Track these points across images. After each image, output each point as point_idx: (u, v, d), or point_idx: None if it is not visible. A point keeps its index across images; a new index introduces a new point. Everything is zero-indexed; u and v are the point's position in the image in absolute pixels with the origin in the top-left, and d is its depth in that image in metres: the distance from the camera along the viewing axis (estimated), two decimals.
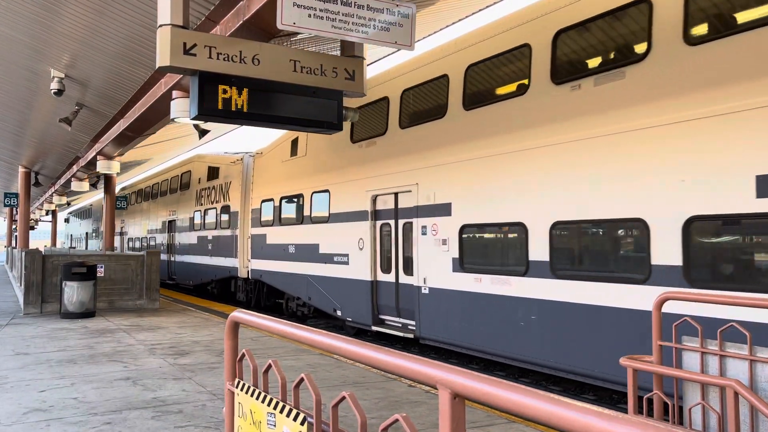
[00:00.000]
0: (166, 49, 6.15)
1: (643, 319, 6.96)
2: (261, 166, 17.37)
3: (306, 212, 14.44)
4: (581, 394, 8.62)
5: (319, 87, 7.05)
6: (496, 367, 10.08)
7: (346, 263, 12.73)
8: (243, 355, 2.90)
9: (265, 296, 17.51)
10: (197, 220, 22.37)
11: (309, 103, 7.09)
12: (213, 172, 21.08)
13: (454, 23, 12.35)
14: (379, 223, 11.93)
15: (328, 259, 13.41)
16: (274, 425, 2.54)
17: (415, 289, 10.87)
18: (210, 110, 6.57)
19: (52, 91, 11.39)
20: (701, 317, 6.02)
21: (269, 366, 2.60)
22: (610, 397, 8.36)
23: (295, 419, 2.39)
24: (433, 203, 10.46)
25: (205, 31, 8.14)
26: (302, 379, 2.30)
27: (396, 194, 11.43)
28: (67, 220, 62.93)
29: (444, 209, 10.25)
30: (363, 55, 7.37)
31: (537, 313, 8.36)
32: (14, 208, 37.25)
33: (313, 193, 14.19)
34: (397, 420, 1.71)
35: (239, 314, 2.96)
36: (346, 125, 12.39)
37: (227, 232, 19.35)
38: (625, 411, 6.94)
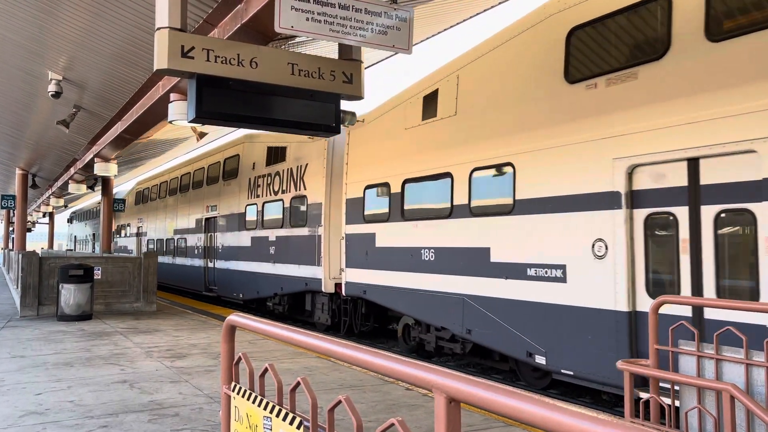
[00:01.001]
0: (163, 52, 6.15)
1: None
2: (362, 139, 12.56)
3: (460, 200, 9.87)
4: (578, 398, 8.62)
5: (317, 90, 7.05)
6: (492, 371, 10.07)
7: (560, 280, 8.06)
8: (240, 359, 2.90)
9: (362, 318, 13.39)
10: (250, 217, 17.75)
11: (307, 107, 7.10)
12: (276, 154, 16.55)
13: (452, 26, 12.37)
14: (642, 212, 7.24)
15: (512, 271, 8.78)
16: (271, 429, 2.54)
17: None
18: (207, 113, 6.57)
19: (50, 93, 11.38)
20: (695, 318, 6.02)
21: (266, 369, 2.60)
22: (608, 401, 8.37)
23: (291, 423, 2.39)
24: None
25: (203, 34, 8.16)
26: (299, 383, 2.30)
27: (695, 161, 6.72)
28: (70, 221, 57.67)
29: None
30: (361, 59, 7.38)
31: None
32: (11, 210, 37.19)
33: (475, 170, 9.62)
34: (393, 424, 1.72)
35: (236, 317, 2.96)
36: (551, 53, 8.44)
37: (301, 232, 14.85)
38: (622, 414, 6.95)
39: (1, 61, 11.22)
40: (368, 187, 12.19)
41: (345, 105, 8.61)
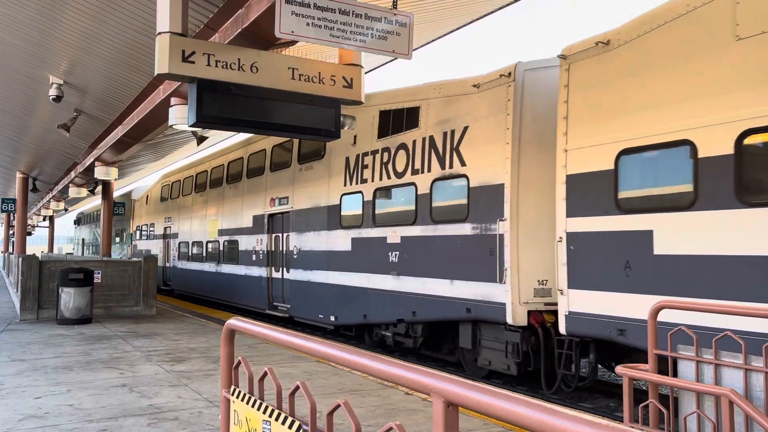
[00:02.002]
0: (164, 56, 6.17)
1: None
2: (610, 71, 7.77)
3: None
4: (578, 403, 8.62)
5: (317, 95, 7.08)
6: (493, 375, 10.06)
7: None
8: (239, 363, 2.91)
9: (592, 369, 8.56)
10: (350, 210, 12.85)
11: (307, 111, 7.12)
12: (398, 120, 11.69)
13: (451, 31, 12.41)
14: None
15: None
16: None
17: None
18: (208, 117, 6.59)
19: (51, 97, 11.41)
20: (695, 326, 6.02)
21: (265, 373, 2.61)
22: (607, 406, 8.36)
23: (290, 427, 2.39)
24: None
25: (204, 39, 8.20)
26: (298, 387, 2.31)
27: None
28: (77, 222, 50.83)
29: None
30: (360, 64, 7.41)
31: None
32: (11, 214, 37.19)
33: None
34: (391, 428, 1.72)
35: (236, 322, 2.97)
36: None
37: (458, 230, 10.06)
38: (621, 419, 6.94)
39: (2, 64, 11.25)
40: (627, 151, 7.37)
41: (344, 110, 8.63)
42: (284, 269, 15.43)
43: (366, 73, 7.76)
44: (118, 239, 35.01)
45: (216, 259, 19.77)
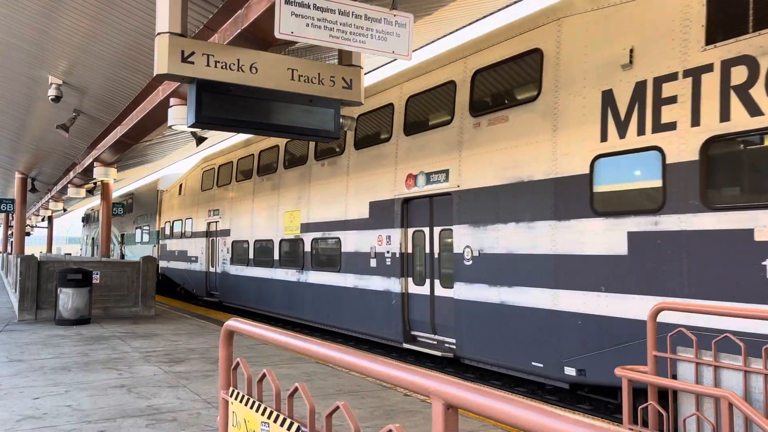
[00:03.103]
0: (164, 57, 6.16)
1: None
2: None
3: None
4: (577, 405, 8.61)
5: (317, 95, 7.07)
6: (492, 377, 10.05)
7: None
8: (238, 364, 2.90)
9: None
10: (626, 182, 7.30)
11: (306, 112, 7.11)
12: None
13: (452, 32, 12.42)
14: None
15: None
16: None
17: None
18: (207, 118, 6.58)
19: (50, 97, 11.40)
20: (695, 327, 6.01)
21: (264, 375, 2.60)
22: (606, 408, 8.35)
23: (289, 428, 2.39)
24: None
25: (204, 39, 8.19)
26: (297, 388, 2.30)
27: None
28: (86, 220, 45.32)
29: None
30: (360, 64, 7.41)
31: None
32: (10, 214, 37.14)
33: None
34: (390, 430, 1.72)
35: (234, 323, 2.96)
36: None
37: None
38: (620, 421, 6.93)
39: (1, 65, 11.25)
40: None
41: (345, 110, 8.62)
42: (435, 281, 10.34)
43: (366, 74, 7.76)
44: (139, 239, 29.33)
45: (296, 264, 14.37)
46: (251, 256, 16.80)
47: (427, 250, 10.52)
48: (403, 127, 11.12)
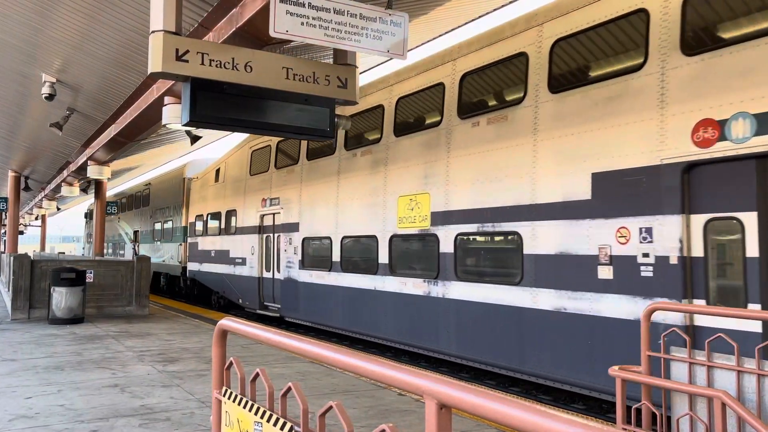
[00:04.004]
0: (158, 55, 6.14)
1: None
2: None
3: None
4: (571, 404, 8.63)
5: (312, 95, 7.06)
6: (486, 377, 10.07)
7: None
8: (231, 363, 2.89)
9: None
10: None
11: (301, 111, 7.10)
12: None
13: (447, 32, 12.42)
14: None
15: None
16: None
17: None
18: (202, 116, 6.56)
19: (44, 95, 11.35)
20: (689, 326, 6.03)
21: (257, 374, 2.59)
22: (600, 407, 8.37)
23: (282, 428, 2.38)
24: None
25: (198, 38, 8.17)
26: (290, 388, 2.30)
27: None
28: (89, 216, 39.36)
29: None
30: (356, 64, 7.40)
31: None
32: (3, 213, 36.97)
33: None
34: (383, 430, 1.71)
35: (227, 322, 2.95)
36: None
37: None
38: (614, 421, 6.95)
39: None
40: None
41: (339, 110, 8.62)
42: None
43: (361, 73, 7.75)
44: (159, 237, 24.97)
45: (425, 272, 10.25)
46: (336, 258, 12.59)
47: (752, 253, 6.02)
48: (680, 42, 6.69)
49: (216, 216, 18.97)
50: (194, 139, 14.07)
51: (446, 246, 9.76)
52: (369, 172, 11.75)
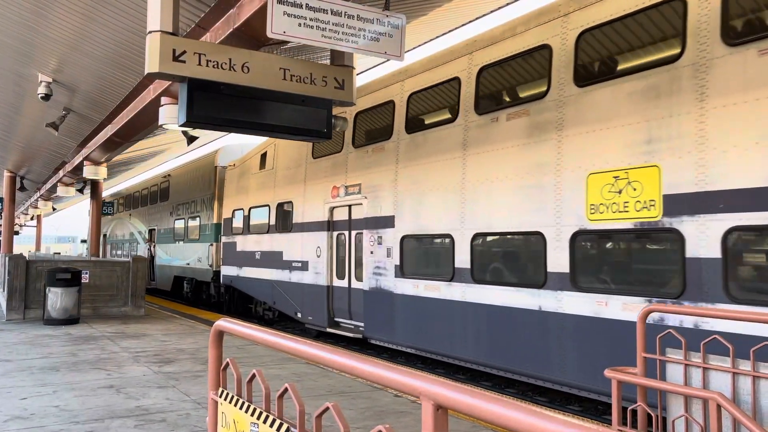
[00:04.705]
0: (155, 55, 6.13)
1: None
2: None
3: None
4: (567, 406, 8.64)
5: (309, 95, 7.06)
6: (482, 378, 10.07)
7: None
8: (227, 364, 2.89)
9: None
10: None
11: (298, 112, 7.10)
12: None
13: (444, 34, 12.44)
14: None
15: None
16: None
17: None
18: (198, 117, 6.55)
19: (40, 95, 11.31)
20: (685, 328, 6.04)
21: (253, 375, 2.59)
22: (596, 409, 8.39)
23: (278, 429, 2.38)
24: None
25: (195, 38, 8.15)
26: (286, 389, 2.30)
27: None
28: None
29: None
30: (353, 65, 7.40)
31: None
32: None
33: None
34: (380, 431, 1.71)
35: (224, 323, 2.95)
36: None
37: None
38: (610, 423, 6.96)
39: None
40: None
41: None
42: None
43: (358, 74, 7.76)
44: (182, 236, 21.75)
45: (649, 284, 6.97)
46: (463, 263, 9.35)
47: None
48: None
49: (262, 210, 15.69)
50: (191, 139, 14.05)
51: (703, 247, 6.30)
52: (523, 142, 8.44)
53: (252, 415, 2.57)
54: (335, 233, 12.78)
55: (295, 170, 14.32)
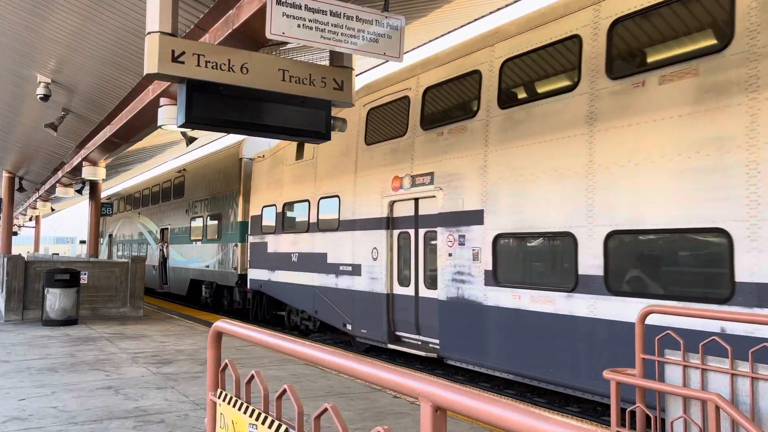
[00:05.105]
0: (154, 56, 6.13)
1: None
2: None
3: None
4: (565, 407, 8.64)
5: (308, 96, 7.06)
6: (481, 379, 10.07)
7: None
8: (226, 365, 2.89)
9: None
10: None
11: (297, 113, 7.10)
12: None
13: (443, 35, 12.45)
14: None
15: None
16: None
17: None
18: (197, 118, 6.55)
19: (38, 96, 11.31)
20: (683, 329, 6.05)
21: (252, 376, 2.59)
22: (594, 410, 8.39)
23: (277, 430, 2.38)
24: None
25: (194, 39, 8.16)
26: (285, 390, 2.29)
27: None
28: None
29: None
30: (352, 66, 7.40)
31: None
32: None
33: None
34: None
35: (222, 324, 2.95)
36: None
37: None
38: (609, 424, 6.97)
39: None
40: None
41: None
42: None
43: (357, 75, 7.76)
44: (201, 235, 19.92)
45: None
46: (593, 269, 7.42)
47: None
48: None
49: (300, 206, 13.82)
50: (190, 140, 14.05)
51: None
52: (689, 111, 6.58)
53: (251, 416, 2.57)
54: (396, 232, 10.82)
55: (343, 159, 12.24)
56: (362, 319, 11.38)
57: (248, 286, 16.21)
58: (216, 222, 18.98)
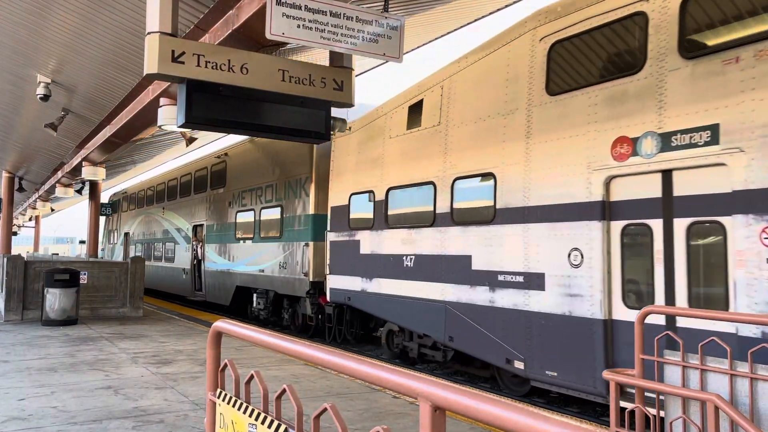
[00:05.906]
0: (154, 57, 6.14)
1: None
2: None
3: None
4: (565, 407, 8.64)
5: (308, 97, 7.07)
6: (479, 380, 10.07)
7: None
8: (226, 365, 2.89)
9: None
10: None
11: (297, 113, 7.10)
12: None
13: (443, 35, 12.46)
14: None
15: None
16: None
17: None
18: (197, 118, 6.56)
19: (38, 96, 11.31)
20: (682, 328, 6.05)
21: (251, 376, 2.59)
22: (594, 410, 8.39)
23: (276, 430, 2.38)
24: None
25: (194, 39, 8.16)
26: (284, 390, 2.30)
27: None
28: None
29: None
30: (352, 66, 7.41)
31: None
32: None
33: None
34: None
35: (222, 324, 2.95)
36: None
37: None
38: (608, 424, 6.97)
39: None
40: None
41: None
42: None
43: (357, 75, 7.77)
44: (252, 232, 16.38)
45: None
46: None
47: None
48: None
49: (417, 191, 10.34)
50: (190, 140, 14.05)
51: None
52: None
53: (250, 416, 2.58)
54: (619, 224, 7.10)
55: (499, 121, 8.76)
56: (549, 355, 7.74)
57: (327, 297, 12.67)
58: (275, 216, 15.35)
